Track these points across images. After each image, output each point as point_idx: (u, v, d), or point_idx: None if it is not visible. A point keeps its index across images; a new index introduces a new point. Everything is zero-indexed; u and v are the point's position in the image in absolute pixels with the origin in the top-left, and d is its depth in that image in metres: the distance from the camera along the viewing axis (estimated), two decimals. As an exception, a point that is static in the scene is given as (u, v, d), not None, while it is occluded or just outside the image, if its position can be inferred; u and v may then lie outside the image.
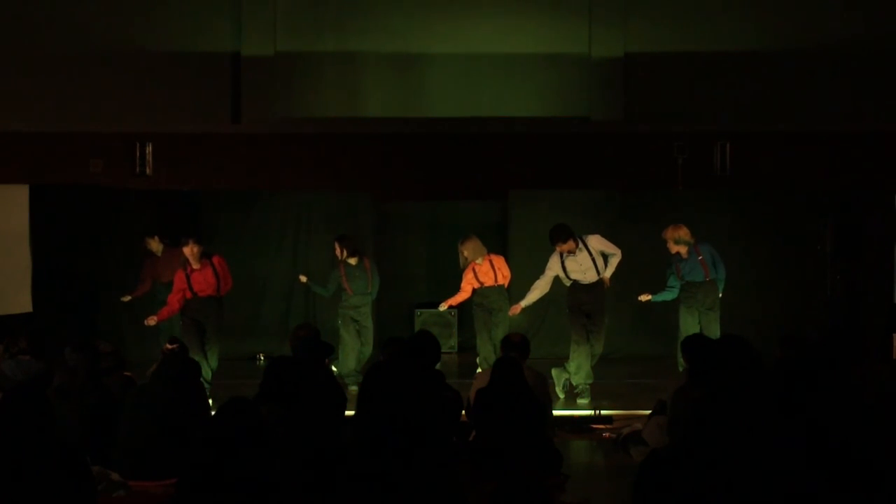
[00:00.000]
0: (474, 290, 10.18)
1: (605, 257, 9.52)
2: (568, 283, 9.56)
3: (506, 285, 10.23)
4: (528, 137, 13.04)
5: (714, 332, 9.41)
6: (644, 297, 9.76)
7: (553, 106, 13.08)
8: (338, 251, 10.15)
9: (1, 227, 10.63)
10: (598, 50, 12.99)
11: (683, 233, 9.59)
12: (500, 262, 10.25)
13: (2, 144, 12.73)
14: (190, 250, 9.37)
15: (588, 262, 9.39)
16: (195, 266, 9.41)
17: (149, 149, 12.85)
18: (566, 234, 9.34)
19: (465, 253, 10.16)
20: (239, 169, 13.04)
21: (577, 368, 9.37)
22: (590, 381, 9.41)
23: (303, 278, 10.63)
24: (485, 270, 10.13)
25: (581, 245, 9.39)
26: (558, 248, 9.39)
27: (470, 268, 10.17)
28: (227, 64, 13.04)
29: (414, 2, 13.10)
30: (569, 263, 9.40)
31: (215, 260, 9.56)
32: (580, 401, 9.29)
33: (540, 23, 13.05)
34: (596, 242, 9.45)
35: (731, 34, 13.03)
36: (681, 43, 13.05)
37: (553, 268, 9.49)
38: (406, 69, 13.08)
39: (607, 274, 9.52)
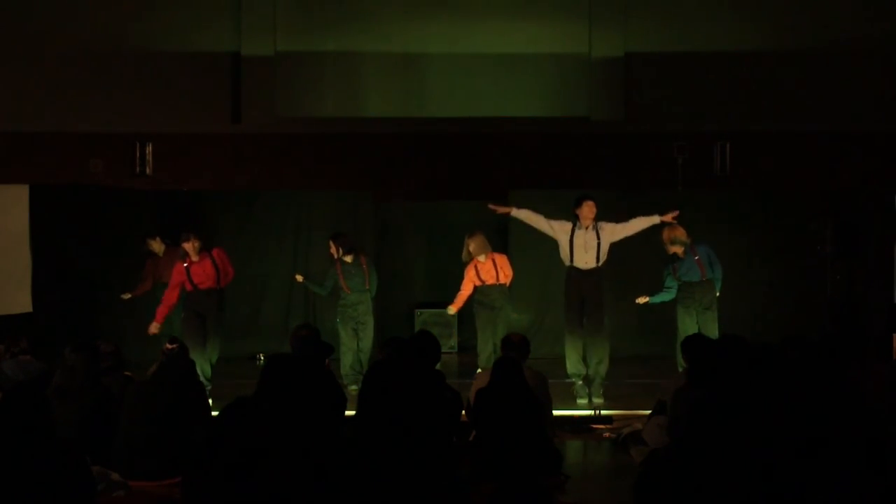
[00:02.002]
0: (476, 288, 10.19)
1: (623, 230, 9.51)
2: (567, 264, 9.50)
3: (507, 284, 10.24)
4: (528, 137, 13.04)
5: (712, 331, 9.40)
6: (641, 300, 9.77)
7: (553, 106, 13.09)
8: (333, 249, 10.16)
9: (1, 227, 10.63)
10: (598, 50, 12.99)
11: (680, 233, 9.61)
12: (502, 260, 10.26)
13: (2, 144, 12.74)
14: (191, 245, 9.44)
15: (593, 242, 9.36)
16: (194, 259, 9.46)
17: (149, 149, 12.86)
18: (591, 198, 9.37)
19: (471, 247, 10.16)
20: (239, 169, 13.05)
21: (568, 358, 9.44)
22: (583, 373, 9.40)
23: (299, 277, 10.63)
24: (487, 268, 10.14)
25: (594, 226, 9.38)
26: (579, 212, 9.38)
27: (472, 265, 10.18)
28: (227, 64, 13.05)
29: (414, 2, 13.11)
30: (577, 237, 9.36)
31: (214, 252, 9.61)
32: (579, 401, 9.30)
33: (540, 23, 13.06)
34: (609, 229, 9.43)
35: (731, 34, 13.03)
36: (681, 43, 13.06)
37: (556, 228, 9.47)
38: (406, 69, 13.09)
39: (652, 219, 9.50)
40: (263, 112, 12.94)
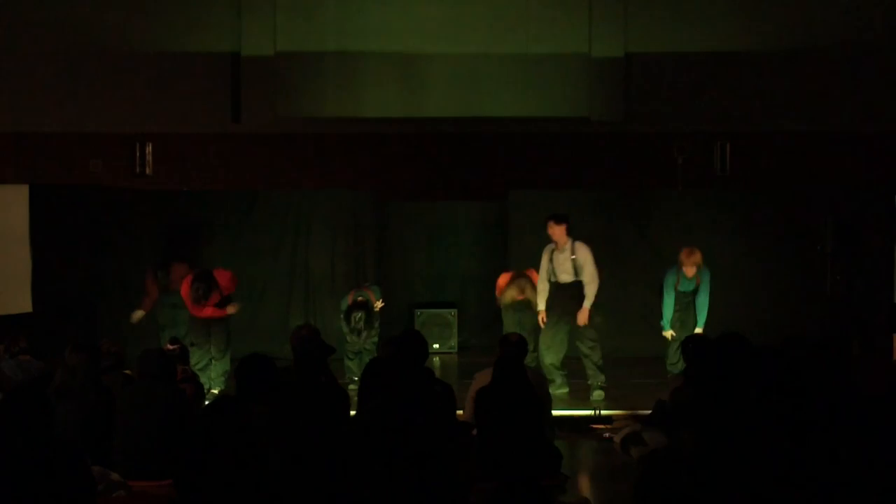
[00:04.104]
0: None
1: (582, 271, 9.54)
2: (551, 279, 9.66)
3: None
4: (529, 137, 13.04)
5: (693, 321, 9.89)
6: (668, 335, 10.06)
7: (553, 106, 13.08)
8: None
9: (1, 227, 10.62)
10: (599, 50, 12.99)
11: (699, 257, 9.90)
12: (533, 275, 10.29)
13: (2, 144, 12.74)
14: (177, 272, 9.62)
15: (569, 262, 9.53)
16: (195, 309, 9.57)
17: (149, 149, 12.85)
18: (564, 219, 9.47)
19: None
20: (239, 169, 13.05)
21: (546, 347, 9.55)
22: (560, 362, 9.53)
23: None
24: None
25: (570, 246, 9.51)
26: (551, 231, 9.46)
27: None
28: (227, 64, 13.04)
29: (414, 2, 13.11)
30: (555, 257, 9.57)
31: (216, 274, 9.63)
32: (559, 391, 9.35)
33: (540, 23, 13.05)
34: (583, 251, 9.52)
35: (731, 34, 13.03)
36: (681, 43, 13.05)
37: (544, 266, 9.64)
38: (406, 69, 13.08)
39: (586, 304, 9.53)
40: (263, 112, 12.94)
